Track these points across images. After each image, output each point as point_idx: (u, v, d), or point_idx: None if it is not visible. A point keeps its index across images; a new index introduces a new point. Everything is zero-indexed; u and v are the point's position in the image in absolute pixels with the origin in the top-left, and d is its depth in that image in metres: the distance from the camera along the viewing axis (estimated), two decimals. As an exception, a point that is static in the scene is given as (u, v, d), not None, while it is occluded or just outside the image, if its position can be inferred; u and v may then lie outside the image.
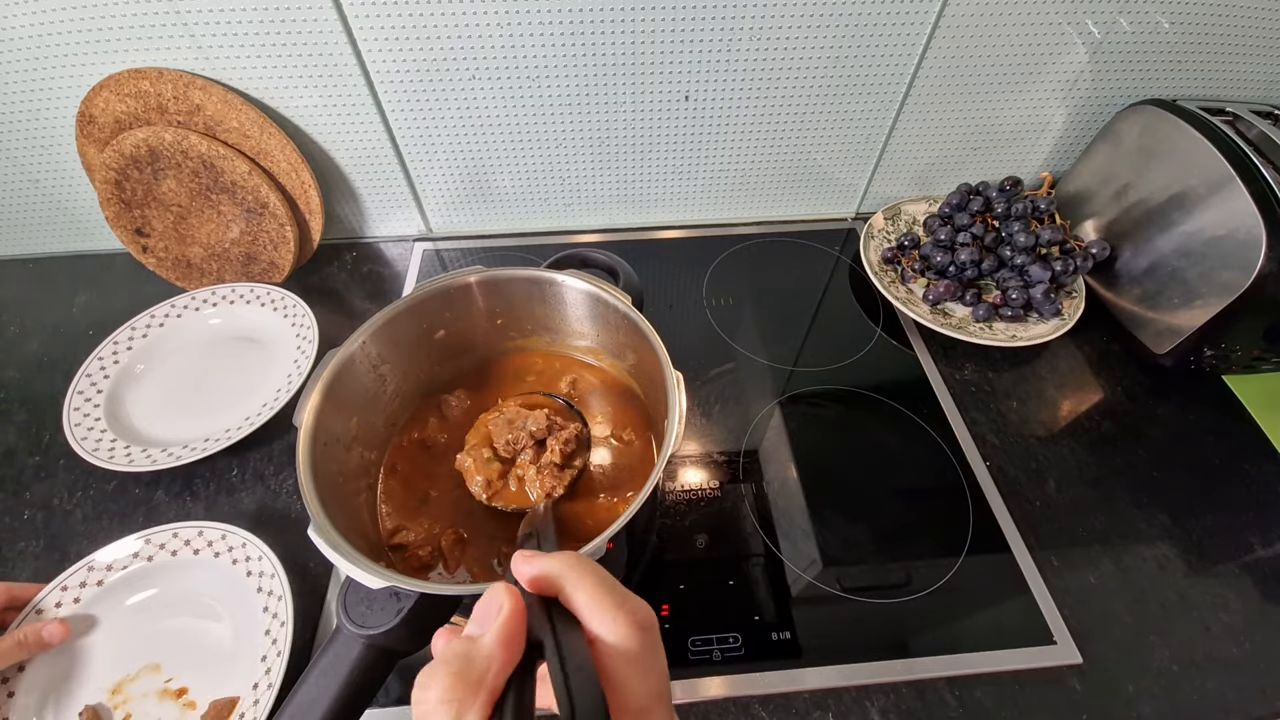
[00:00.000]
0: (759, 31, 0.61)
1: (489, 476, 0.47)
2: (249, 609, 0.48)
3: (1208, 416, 0.63)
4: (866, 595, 0.50)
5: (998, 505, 0.55)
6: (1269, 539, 0.54)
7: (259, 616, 0.47)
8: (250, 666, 0.45)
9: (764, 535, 0.53)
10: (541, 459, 0.47)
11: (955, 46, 0.64)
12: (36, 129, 0.65)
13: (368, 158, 0.70)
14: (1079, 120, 0.73)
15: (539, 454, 0.48)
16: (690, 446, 0.59)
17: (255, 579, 0.48)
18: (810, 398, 0.63)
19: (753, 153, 0.73)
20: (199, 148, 0.62)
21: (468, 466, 0.47)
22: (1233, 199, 0.56)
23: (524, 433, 0.47)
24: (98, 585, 0.48)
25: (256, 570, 0.49)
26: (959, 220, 0.71)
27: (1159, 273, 0.63)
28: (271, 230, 0.67)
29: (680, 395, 0.42)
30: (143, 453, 0.56)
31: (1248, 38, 0.65)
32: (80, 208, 0.72)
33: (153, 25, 0.57)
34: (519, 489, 0.47)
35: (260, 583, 0.48)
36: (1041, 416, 0.63)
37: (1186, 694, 0.46)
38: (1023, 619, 0.49)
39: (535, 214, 0.78)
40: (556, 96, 0.65)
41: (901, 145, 0.74)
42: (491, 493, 0.46)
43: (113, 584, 0.49)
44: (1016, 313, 0.66)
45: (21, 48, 0.58)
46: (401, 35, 0.59)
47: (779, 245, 0.79)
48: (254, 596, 0.48)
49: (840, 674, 0.46)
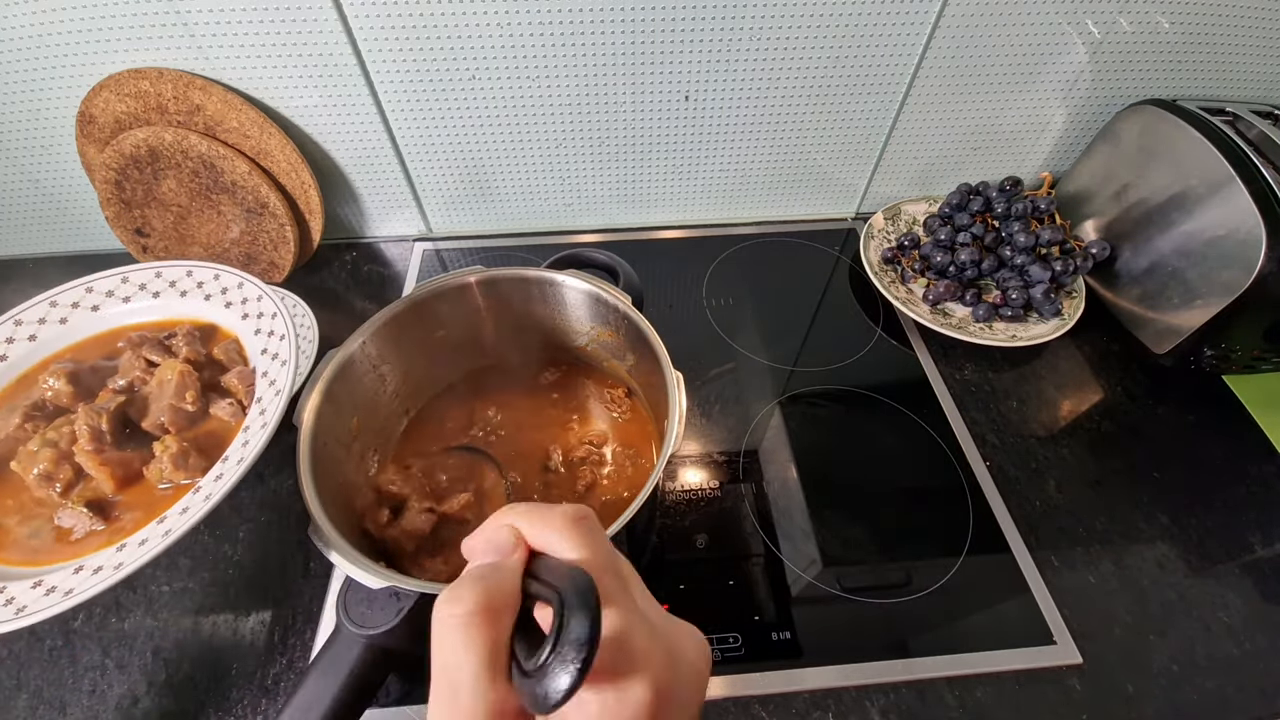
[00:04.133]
0: (759, 31, 0.61)
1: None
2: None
3: (1208, 416, 0.63)
4: (866, 595, 0.50)
5: (998, 505, 0.55)
6: (1269, 539, 0.54)
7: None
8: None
9: (764, 535, 0.53)
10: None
11: (955, 46, 0.64)
12: (36, 129, 0.65)
13: (368, 158, 0.70)
14: (1079, 120, 0.73)
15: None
16: (690, 446, 0.59)
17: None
18: (810, 398, 0.63)
19: (753, 153, 0.74)
20: (199, 148, 0.62)
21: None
22: (1233, 199, 0.56)
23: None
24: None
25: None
26: (959, 220, 0.71)
27: (1159, 273, 0.63)
28: (271, 230, 0.67)
29: (680, 395, 0.42)
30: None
31: (1248, 38, 0.65)
32: (80, 208, 0.72)
33: (153, 25, 0.57)
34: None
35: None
36: (1041, 416, 0.63)
37: (1186, 694, 0.46)
38: (1023, 619, 0.49)
39: (535, 214, 0.78)
40: (556, 96, 0.65)
41: (901, 145, 0.74)
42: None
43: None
44: (1016, 313, 0.66)
45: (21, 48, 0.58)
46: (401, 35, 0.59)
47: (779, 245, 0.79)
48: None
49: (840, 674, 0.46)
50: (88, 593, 0.33)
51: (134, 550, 0.35)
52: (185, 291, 0.46)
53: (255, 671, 0.46)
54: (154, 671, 0.46)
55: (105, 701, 0.45)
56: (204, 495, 0.36)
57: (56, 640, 0.47)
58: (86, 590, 0.33)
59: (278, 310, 0.45)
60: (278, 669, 0.46)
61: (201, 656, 0.47)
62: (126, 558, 0.34)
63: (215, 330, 0.45)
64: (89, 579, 0.33)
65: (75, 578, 0.34)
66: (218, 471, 0.38)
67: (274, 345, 0.43)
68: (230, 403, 0.40)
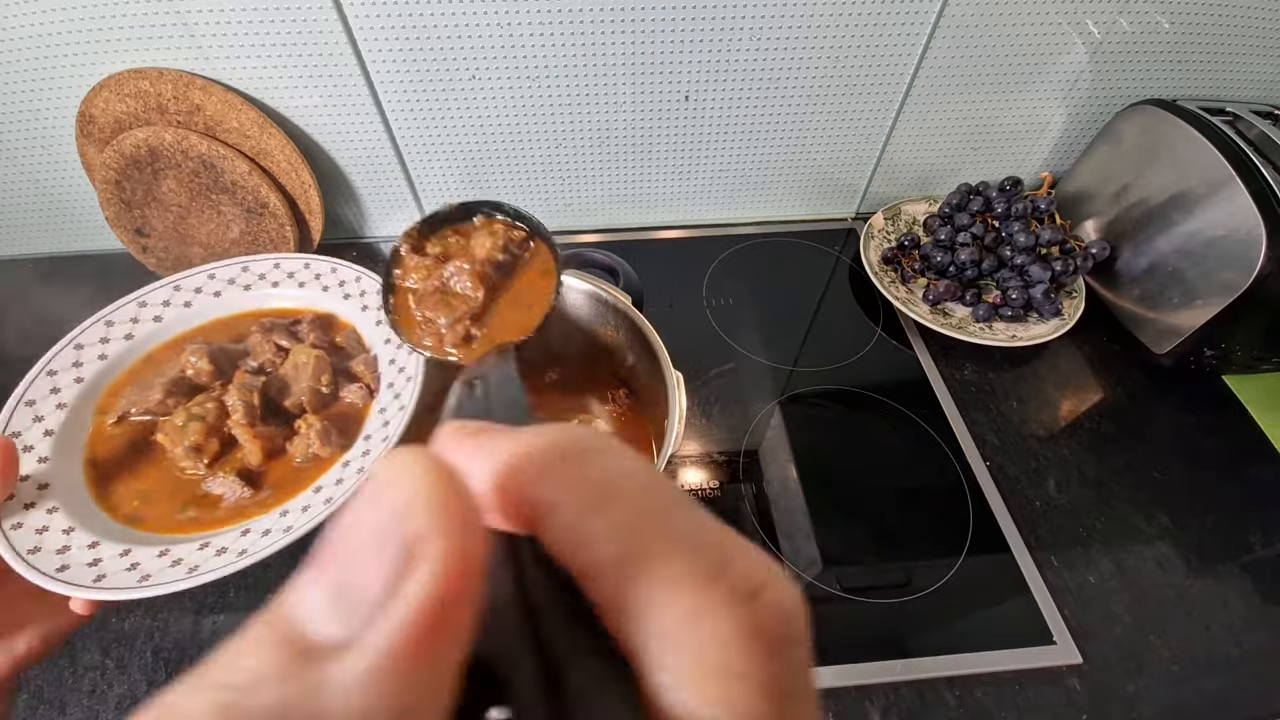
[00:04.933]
0: (759, 31, 0.61)
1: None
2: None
3: (1208, 416, 0.63)
4: (866, 595, 0.50)
5: (998, 505, 0.55)
6: (1269, 539, 0.54)
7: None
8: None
9: (764, 535, 0.53)
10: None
11: (955, 46, 0.64)
12: (36, 129, 0.65)
13: (368, 158, 0.70)
14: (1079, 120, 0.73)
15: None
16: (690, 446, 0.59)
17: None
18: (810, 398, 0.63)
19: (753, 153, 0.73)
20: (199, 148, 0.62)
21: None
22: (1233, 199, 0.56)
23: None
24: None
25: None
26: (959, 220, 0.71)
27: (1159, 273, 0.63)
28: (271, 230, 0.67)
29: (680, 395, 0.42)
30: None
31: (1248, 38, 0.65)
32: (80, 208, 0.72)
33: (153, 25, 0.57)
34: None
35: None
36: (1041, 416, 0.63)
37: (1186, 694, 0.46)
38: (1023, 619, 0.49)
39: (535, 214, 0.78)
40: (556, 96, 0.65)
41: (901, 145, 0.74)
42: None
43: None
44: (1016, 313, 0.66)
45: (21, 48, 0.58)
46: (401, 35, 0.59)
47: (779, 245, 0.79)
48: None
49: (840, 674, 0.46)
50: (261, 553, 0.34)
51: (298, 515, 0.36)
52: (303, 283, 0.48)
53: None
54: (154, 671, 0.46)
55: (105, 701, 0.45)
56: (356, 469, 0.38)
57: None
58: (260, 550, 0.34)
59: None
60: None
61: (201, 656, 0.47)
62: (293, 521, 0.36)
63: (333, 319, 0.47)
64: (259, 540, 0.35)
65: (245, 539, 0.35)
66: (363, 448, 0.40)
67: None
68: (359, 386, 0.43)
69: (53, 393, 0.41)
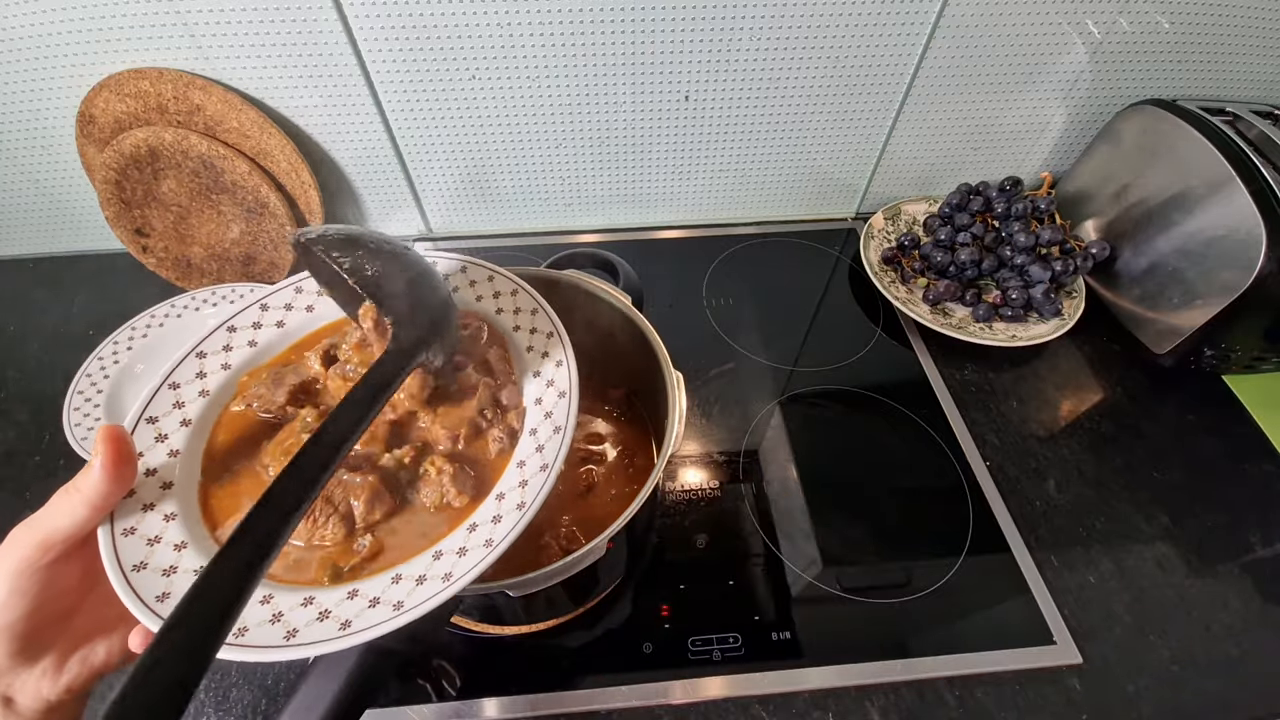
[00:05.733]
0: (759, 31, 0.61)
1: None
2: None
3: (1208, 416, 0.63)
4: (866, 595, 0.50)
5: (998, 505, 0.55)
6: (1269, 539, 0.54)
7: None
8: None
9: (764, 535, 0.53)
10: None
11: (955, 46, 0.64)
12: (36, 129, 0.65)
13: (368, 158, 0.70)
14: (1079, 120, 0.73)
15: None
16: (690, 446, 0.59)
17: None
18: (810, 398, 0.63)
19: (753, 153, 0.73)
20: (199, 148, 0.62)
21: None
22: (1233, 199, 0.56)
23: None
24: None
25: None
26: (959, 220, 0.71)
27: (1159, 273, 0.63)
28: (271, 230, 0.67)
29: (680, 395, 0.42)
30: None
31: (1248, 38, 0.65)
32: (80, 208, 0.72)
33: (153, 25, 0.57)
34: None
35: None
36: (1041, 416, 0.63)
37: (1186, 694, 0.46)
38: (1023, 619, 0.49)
39: (535, 214, 0.78)
40: (556, 96, 0.65)
41: (901, 145, 0.74)
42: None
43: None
44: (1016, 313, 0.66)
45: (21, 48, 0.58)
46: (401, 35, 0.59)
47: (779, 245, 0.79)
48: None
49: (840, 674, 0.46)
50: (368, 632, 0.27)
51: (410, 586, 0.29)
52: (456, 287, 0.40)
53: (255, 672, 0.46)
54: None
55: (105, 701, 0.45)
56: (483, 538, 0.30)
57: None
58: (368, 628, 0.27)
59: (553, 330, 0.39)
60: (278, 669, 0.46)
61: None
62: (403, 594, 0.29)
63: (489, 329, 0.39)
64: (365, 610, 0.28)
65: (350, 604, 0.28)
66: (494, 511, 0.32)
67: (549, 371, 0.38)
68: (503, 428, 0.35)
69: (198, 377, 0.35)
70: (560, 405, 0.35)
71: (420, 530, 0.32)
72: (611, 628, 0.48)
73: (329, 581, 0.30)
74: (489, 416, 0.35)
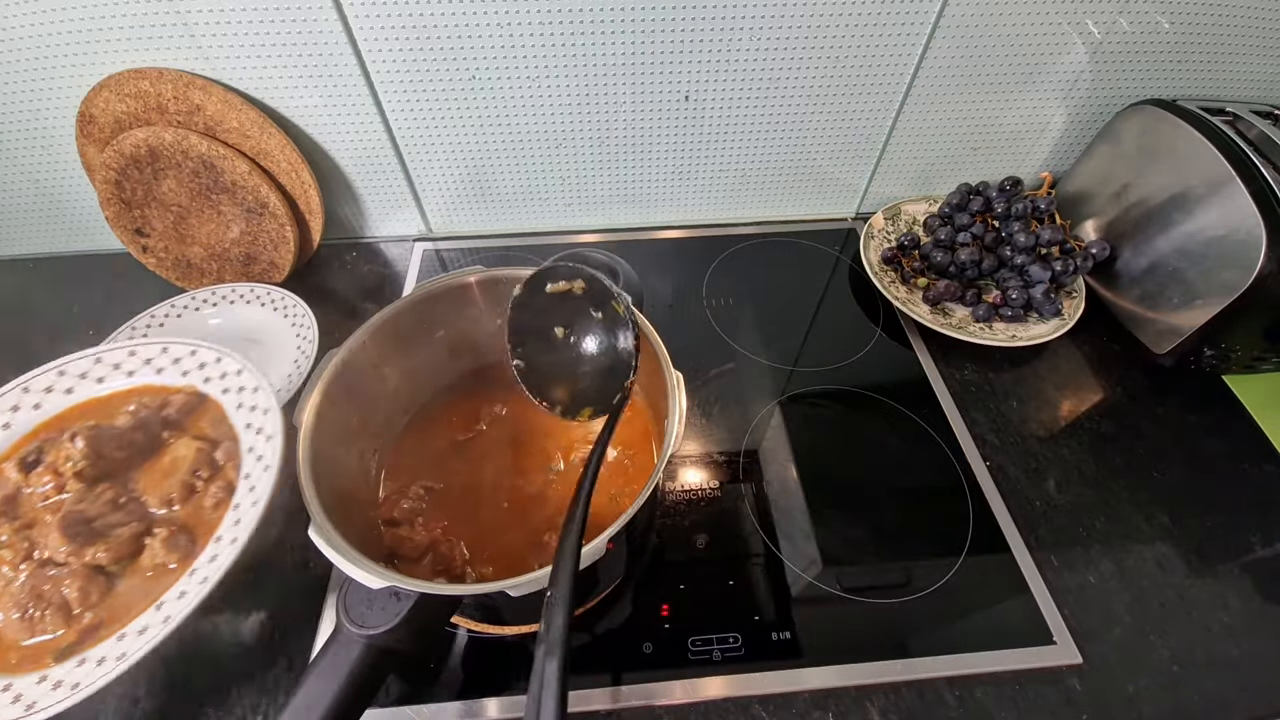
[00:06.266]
0: (759, 31, 0.61)
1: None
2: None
3: (1208, 416, 0.63)
4: (866, 595, 0.50)
5: (998, 505, 0.55)
6: (1269, 539, 0.54)
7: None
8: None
9: (764, 535, 0.53)
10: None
11: (955, 46, 0.64)
12: (36, 129, 0.65)
13: (368, 158, 0.70)
14: (1079, 120, 0.73)
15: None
16: (690, 446, 0.59)
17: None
18: (810, 398, 0.63)
19: (753, 153, 0.74)
20: (199, 148, 0.62)
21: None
22: (1233, 199, 0.56)
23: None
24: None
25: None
26: (959, 220, 0.71)
27: (1159, 273, 0.63)
28: (271, 230, 0.67)
29: (680, 395, 0.42)
30: (143, 453, 0.56)
31: (1248, 38, 0.65)
32: (80, 208, 0.72)
33: (153, 25, 0.57)
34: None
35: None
36: (1041, 416, 0.63)
37: (1186, 694, 0.46)
38: (1022, 619, 0.49)
39: (535, 214, 0.78)
40: (556, 96, 0.65)
41: (901, 145, 0.74)
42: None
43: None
44: (1016, 313, 0.66)
45: (21, 48, 0.58)
46: (401, 35, 0.59)
47: (779, 245, 0.79)
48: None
49: (840, 674, 0.46)
50: (95, 685, 0.33)
51: (134, 639, 0.35)
52: (161, 369, 0.47)
53: (255, 672, 0.46)
54: (154, 671, 0.46)
55: (105, 702, 0.45)
56: (200, 578, 0.37)
57: (56, 640, 0.47)
58: (94, 683, 0.33)
59: (259, 385, 0.45)
60: (277, 669, 0.46)
61: (201, 656, 0.47)
62: (128, 647, 0.35)
63: (205, 399, 0.46)
64: (93, 670, 0.34)
65: (80, 670, 0.35)
66: (211, 553, 0.38)
67: (258, 420, 0.44)
68: (222, 482, 0.41)
69: None
70: (269, 447, 0.40)
71: (144, 593, 0.37)
72: (611, 628, 0.48)
73: (55, 662, 0.36)
74: (204, 476, 0.41)
